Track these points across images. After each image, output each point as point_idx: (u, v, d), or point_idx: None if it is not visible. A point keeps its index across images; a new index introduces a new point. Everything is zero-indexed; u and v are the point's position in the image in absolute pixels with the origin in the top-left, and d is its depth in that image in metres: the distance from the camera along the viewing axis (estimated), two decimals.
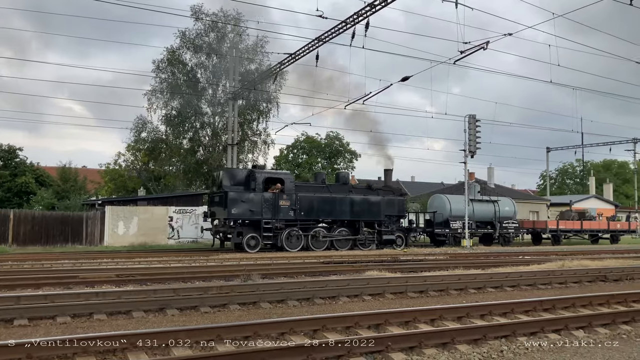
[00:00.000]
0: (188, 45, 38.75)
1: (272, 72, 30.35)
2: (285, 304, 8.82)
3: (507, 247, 31.22)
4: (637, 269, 14.61)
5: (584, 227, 36.12)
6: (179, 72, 38.82)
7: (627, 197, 60.86)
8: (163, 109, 38.77)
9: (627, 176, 63.52)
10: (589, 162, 66.81)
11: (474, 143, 28.36)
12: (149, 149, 40.26)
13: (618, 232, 37.83)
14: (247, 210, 22.73)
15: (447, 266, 15.45)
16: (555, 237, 34.75)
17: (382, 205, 26.58)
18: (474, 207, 31.38)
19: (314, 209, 24.49)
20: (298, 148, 46.81)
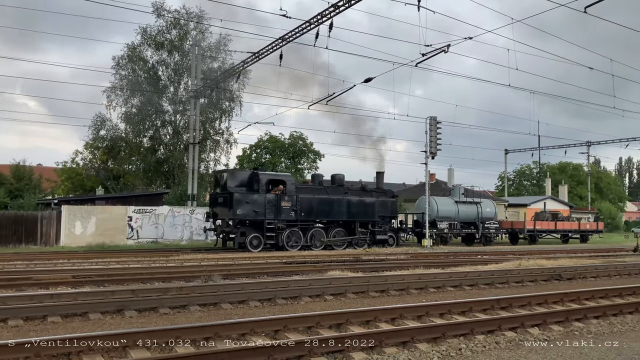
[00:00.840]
0: (149, 42, 38.09)
1: (236, 71, 30.11)
2: (247, 304, 8.76)
3: (489, 246, 32.45)
4: (589, 267, 15.11)
5: (558, 227, 37.82)
6: (139, 69, 38.11)
7: (580, 199, 62.86)
8: (123, 106, 38.01)
9: (581, 178, 65.54)
10: (545, 164, 68.79)
11: (435, 144, 28.80)
12: (108, 147, 39.37)
13: (587, 232, 39.81)
14: (251, 211, 23.27)
15: (408, 266, 15.64)
16: (532, 236, 36.15)
17: (377, 206, 27.46)
18: (459, 209, 32.49)
19: (314, 210, 25.23)
20: (261, 148, 46.55)
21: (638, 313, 8.44)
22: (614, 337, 7.00)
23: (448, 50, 19.61)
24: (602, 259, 19.48)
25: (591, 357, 5.98)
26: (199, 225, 30.34)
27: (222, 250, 23.91)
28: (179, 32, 38.45)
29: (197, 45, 34.03)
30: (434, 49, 19.80)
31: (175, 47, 38.26)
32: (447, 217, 31.65)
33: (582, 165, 64.87)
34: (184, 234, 29.95)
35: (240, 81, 37.38)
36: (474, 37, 19.79)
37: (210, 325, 6.24)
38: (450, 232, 31.66)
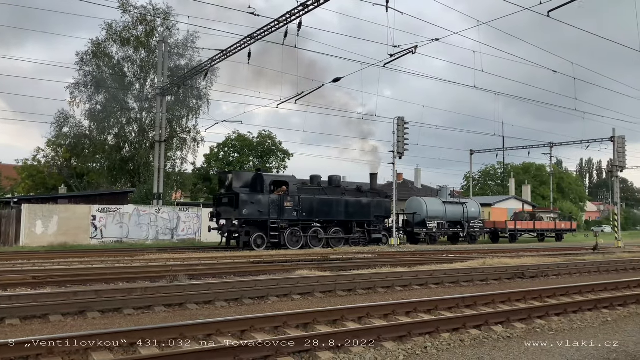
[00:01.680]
0: (115, 37, 37.39)
1: (203, 69, 29.80)
2: (213, 304, 8.67)
3: (473, 244, 34.12)
4: (551, 266, 15.47)
5: (536, 227, 40.03)
6: (104, 66, 37.38)
7: (543, 198, 64.36)
8: (87, 103, 37.25)
9: (543, 178, 67.11)
10: (510, 165, 70.21)
11: (402, 144, 29.06)
12: (71, 144, 38.50)
13: (562, 231, 42.13)
14: (256, 211, 24.15)
15: (375, 264, 15.74)
16: (512, 235, 38.02)
17: (372, 206, 28.73)
18: (447, 209, 34.02)
19: (314, 210, 26.27)
20: (229, 146, 46.21)
21: (597, 310, 8.68)
22: (574, 333, 7.18)
23: (415, 52, 19.83)
24: (563, 258, 19.98)
25: (552, 353, 6.12)
26: (164, 225, 29.96)
27: (222, 249, 24.13)
28: (146, 28, 37.85)
29: (164, 42, 33.55)
30: (401, 50, 19.99)
31: (141, 44, 37.65)
32: (436, 217, 33.18)
33: (545, 166, 66.47)
34: (150, 234, 29.51)
35: (208, 79, 37.05)
36: (441, 38, 20.04)
37: (176, 326, 6.15)
38: (438, 232, 33.14)
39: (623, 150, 32.79)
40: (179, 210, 31.09)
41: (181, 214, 30.83)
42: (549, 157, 54.42)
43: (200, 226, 31.12)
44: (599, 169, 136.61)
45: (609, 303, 9.08)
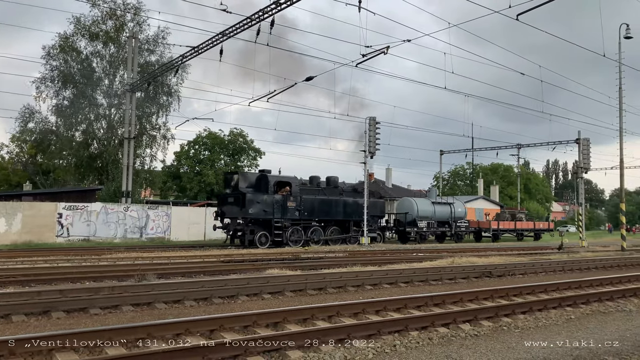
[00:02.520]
0: (83, 32, 36.62)
1: (174, 65, 29.44)
2: (182, 304, 8.59)
3: (460, 243, 35.80)
4: (518, 265, 15.76)
5: (517, 227, 41.91)
6: (72, 60, 36.59)
7: (510, 198, 65.54)
8: (53, 98, 36.43)
9: (511, 179, 68.34)
10: (478, 165, 71.26)
11: (374, 144, 29.19)
12: (37, 140, 37.59)
13: (540, 231, 43.96)
14: (261, 210, 25.00)
15: (346, 263, 15.79)
16: (495, 235, 39.85)
17: (368, 206, 29.27)
18: (435, 209, 35.44)
19: (315, 210, 27.35)
20: (200, 144, 45.75)
21: (561, 308, 8.88)
22: (539, 331, 7.33)
23: (387, 52, 19.95)
24: (529, 257, 20.37)
25: (518, 350, 6.23)
26: (133, 223, 29.52)
27: (224, 247, 24.59)
28: (115, 23, 37.19)
29: (134, 38, 33.01)
30: (373, 50, 20.09)
31: (110, 39, 36.98)
32: (426, 217, 34.55)
33: (513, 167, 67.69)
34: (118, 232, 29.03)
35: (178, 76, 36.63)
36: (412, 39, 20.22)
37: (143, 325, 6.06)
38: (428, 231, 34.65)
39: (588, 152, 33.60)
40: (148, 208, 30.67)
41: (150, 212, 30.42)
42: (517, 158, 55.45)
43: (169, 224, 30.77)
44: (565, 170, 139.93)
45: (572, 301, 9.31)
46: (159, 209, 30.95)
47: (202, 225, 32.23)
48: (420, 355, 5.91)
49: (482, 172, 68.24)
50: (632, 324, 7.99)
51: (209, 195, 42.24)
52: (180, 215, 31.53)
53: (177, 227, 31.10)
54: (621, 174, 27.75)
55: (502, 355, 6.03)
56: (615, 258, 19.76)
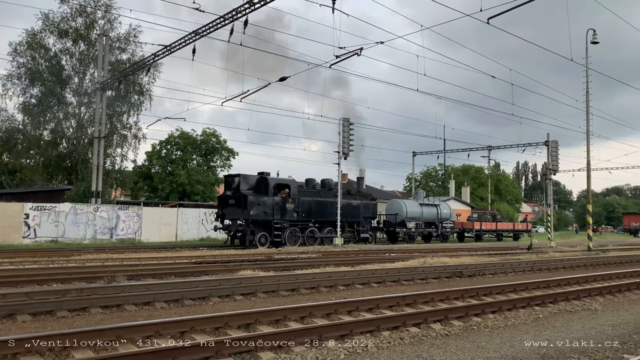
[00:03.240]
0: (52, 29, 35.86)
1: (146, 64, 29.05)
2: (153, 305, 8.48)
3: (445, 243, 37.24)
4: (488, 265, 16.01)
5: (498, 227, 43.86)
6: (40, 57, 35.79)
7: (481, 199, 66.51)
8: (20, 96, 35.55)
9: (482, 180, 69.33)
10: (450, 167, 72.14)
11: (348, 145, 29.30)
12: (3, 139, 36.63)
13: (519, 231, 45.79)
14: (261, 212, 25.83)
15: (319, 264, 15.79)
16: (478, 235, 41.51)
17: (361, 208, 31.25)
18: (423, 210, 36.86)
19: (312, 212, 28.34)
20: (172, 144, 45.23)
21: (530, 307, 9.05)
22: (508, 330, 7.46)
23: (361, 54, 20.04)
24: (499, 257, 20.69)
25: (487, 350, 6.33)
26: (103, 224, 29.04)
27: (225, 247, 25.03)
28: (85, 20, 36.51)
29: (104, 35, 32.46)
30: (347, 52, 20.16)
31: (80, 36, 36.29)
32: (414, 218, 35.98)
33: (484, 168, 68.65)
34: (87, 233, 28.51)
35: (150, 74, 36.18)
36: (385, 42, 20.35)
37: (112, 327, 5.96)
38: (416, 231, 36.01)
39: (556, 154, 34.30)
40: (118, 209, 30.19)
41: (121, 212, 29.95)
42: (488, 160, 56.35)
43: (140, 225, 30.34)
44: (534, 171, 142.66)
45: (540, 300, 9.50)
46: (130, 210, 30.49)
47: (174, 226, 31.89)
48: (392, 355, 5.95)
49: (454, 174, 69.07)
50: (597, 322, 8.19)
51: (181, 196, 41.79)
52: (151, 216, 31.12)
53: (148, 228, 30.70)
54: (588, 176, 28.42)
55: (472, 354, 6.11)
56: (582, 258, 20.22)
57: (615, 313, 9.01)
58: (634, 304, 10.01)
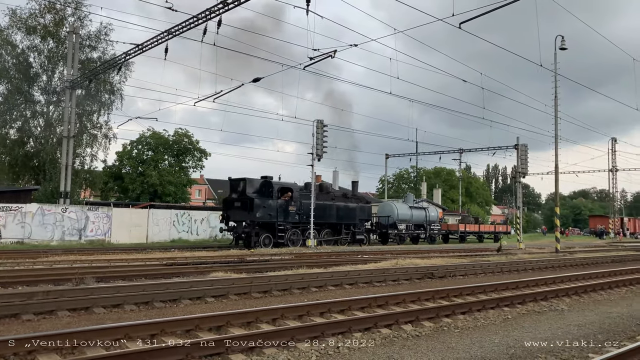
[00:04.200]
0: (19, 25, 34.98)
1: (117, 63, 28.60)
2: (122, 308, 8.36)
3: (432, 244, 38.38)
4: (459, 266, 16.20)
5: (480, 229, 45.58)
6: (7, 54, 34.88)
7: (452, 202, 67.38)
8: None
9: (453, 182, 70.24)
10: (422, 169, 72.83)
11: (321, 147, 29.35)
12: None
13: (499, 233, 46.90)
14: (266, 214, 26.95)
15: (292, 266, 15.78)
16: (462, 237, 43.17)
17: (357, 211, 32.47)
18: (413, 213, 38.34)
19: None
20: (143, 144, 44.62)
21: (499, 308, 9.20)
22: (477, 331, 7.56)
23: (335, 56, 20.10)
24: (470, 259, 20.99)
25: (457, 350, 6.41)
26: (71, 225, 28.48)
27: (228, 248, 25.71)
28: (54, 17, 35.71)
29: (74, 33, 31.83)
30: (321, 54, 20.20)
31: (49, 33, 35.47)
32: (405, 220, 37.44)
33: (455, 171, 69.52)
34: (55, 234, 27.91)
35: (121, 73, 35.60)
36: (359, 44, 20.46)
37: (79, 331, 5.86)
38: (406, 233, 37.52)
39: (525, 157, 34.92)
40: (87, 209, 29.64)
41: (90, 213, 29.42)
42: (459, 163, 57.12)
43: (110, 226, 29.84)
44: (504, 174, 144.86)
45: (509, 301, 9.66)
46: (99, 211, 29.97)
47: (145, 227, 31.45)
48: (363, 356, 5.97)
49: (426, 176, 69.78)
50: (564, 322, 8.37)
51: (152, 197, 41.24)
52: (121, 217, 30.65)
53: (118, 229, 30.21)
54: (556, 179, 29.02)
55: (442, 354, 6.18)
56: (550, 259, 20.65)
57: (581, 313, 9.22)
58: (598, 305, 10.26)
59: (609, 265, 19.93)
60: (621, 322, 8.44)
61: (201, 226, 34.57)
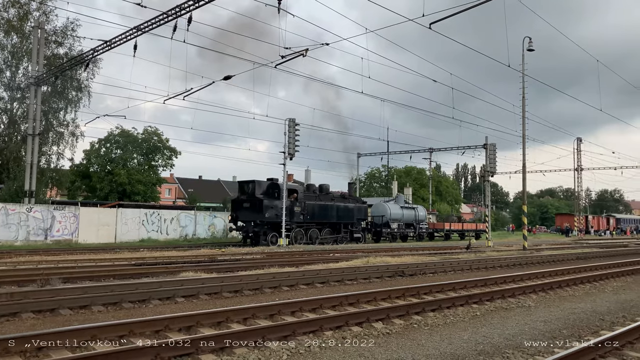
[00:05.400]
0: None
1: (84, 59, 28.03)
2: (90, 309, 8.20)
3: (421, 242, 40.19)
4: (429, 264, 16.38)
5: (463, 227, 47.74)
6: None
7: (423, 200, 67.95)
8: None
9: (423, 181, 70.89)
10: (393, 168, 73.37)
11: (293, 146, 29.30)
12: None
13: (480, 231, 48.60)
14: (274, 215, 28.58)
15: (263, 265, 15.71)
16: (447, 235, 45.30)
17: (355, 211, 34.40)
18: (404, 212, 40.69)
19: (315, 214, 31.46)
20: (112, 142, 43.82)
21: (468, 305, 9.33)
22: (447, 328, 7.65)
23: (306, 55, 20.06)
24: (440, 256, 21.22)
25: (427, 347, 6.47)
26: (37, 225, 27.81)
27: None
28: (19, 11, 34.80)
29: (40, 28, 31.06)
30: (292, 52, 20.14)
31: (13, 28, 34.55)
32: (396, 219, 39.78)
33: (425, 170, 70.25)
34: (19, 234, 27.21)
35: (89, 70, 34.90)
36: (330, 43, 20.49)
37: (44, 333, 5.72)
38: (398, 232, 39.80)
39: (494, 157, 35.53)
40: (53, 209, 28.97)
41: (56, 213, 28.77)
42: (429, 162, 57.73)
43: (77, 226, 29.25)
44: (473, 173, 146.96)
45: (478, 299, 9.81)
46: (66, 210, 29.33)
47: (113, 227, 30.93)
48: (334, 355, 5.99)
49: (397, 175, 70.30)
50: (531, 318, 8.53)
51: (121, 196, 40.54)
52: (89, 217, 30.05)
53: (86, 229, 29.63)
54: (524, 178, 29.60)
55: (412, 351, 6.24)
56: (518, 257, 21.02)
57: (547, 309, 9.42)
58: (564, 301, 10.50)
59: (574, 262, 20.42)
60: (585, 318, 8.65)
61: (171, 225, 34.17)
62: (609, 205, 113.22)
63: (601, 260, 21.32)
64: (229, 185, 78.44)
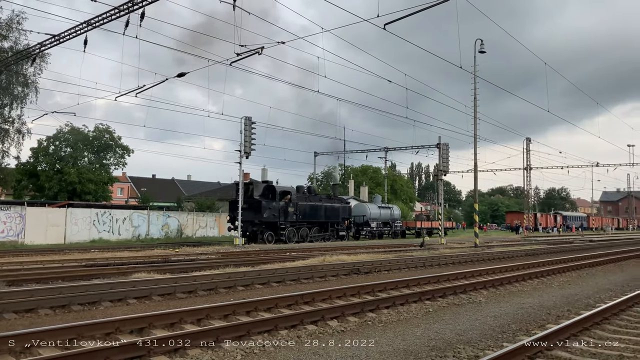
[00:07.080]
0: None
1: (31, 53, 27.02)
2: (36, 312, 7.93)
3: (395, 239, 42.70)
4: (384, 262, 16.58)
5: (433, 226, 50.26)
6: None
7: None
8: None
9: (379, 180, 71.66)
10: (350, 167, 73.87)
11: (250, 144, 29.09)
12: None
13: (447, 229, 51.91)
14: (271, 215, 30.95)
15: (218, 265, 15.54)
16: (418, 232, 48.05)
17: (340, 210, 37.25)
18: (381, 212, 43.99)
19: (307, 214, 33.85)
20: (61, 140, 42.41)
21: (421, 302, 9.49)
22: (400, 324, 7.76)
23: (262, 52, 19.94)
24: (394, 254, 21.50)
25: (381, 344, 6.55)
26: None
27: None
28: None
29: None
30: (248, 50, 19.99)
31: None
32: (375, 219, 42.98)
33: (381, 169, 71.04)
34: None
35: (36, 65, 33.64)
36: (287, 42, 20.42)
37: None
38: (376, 230, 43.07)
39: (447, 156, 36.25)
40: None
41: (1, 213, 27.65)
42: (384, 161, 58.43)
43: (24, 227, 28.20)
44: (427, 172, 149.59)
45: (431, 295, 9.99)
46: (12, 210, 28.25)
47: (62, 227, 29.98)
48: (289, 354, 5.98)
49: (353, 174, 70.82)
50: (481, 313, 8.76)
51: (71, 195, 39.30)
52: (36, 217, 29.04)
53: (33, 230, 28.61)
54: (475, 177, 30.34)
55: (367, 349, 6.30)
56: (469, 254, 21.54)
57: (497, 305, 9.68)
58: (513, 296, 10.82)
59: (523, 258, 21.06)
60: (533, 312, 8.93)
61: (123, 226, 33.43)
62: (556, 203, 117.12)
63: (548, 256, 22.07)
64: (184, 184, 77.21)
